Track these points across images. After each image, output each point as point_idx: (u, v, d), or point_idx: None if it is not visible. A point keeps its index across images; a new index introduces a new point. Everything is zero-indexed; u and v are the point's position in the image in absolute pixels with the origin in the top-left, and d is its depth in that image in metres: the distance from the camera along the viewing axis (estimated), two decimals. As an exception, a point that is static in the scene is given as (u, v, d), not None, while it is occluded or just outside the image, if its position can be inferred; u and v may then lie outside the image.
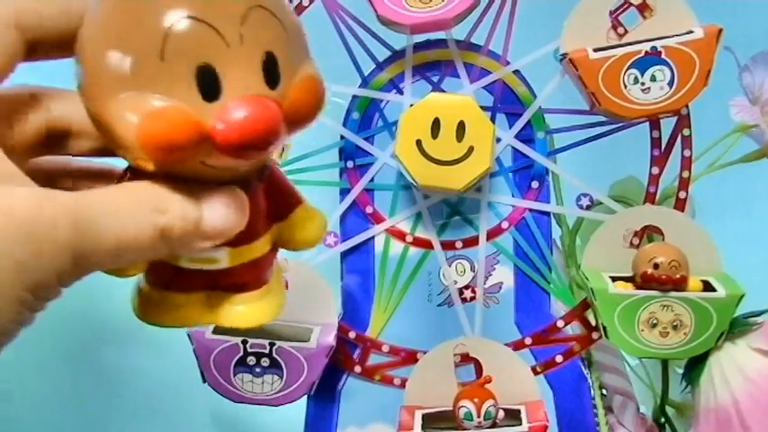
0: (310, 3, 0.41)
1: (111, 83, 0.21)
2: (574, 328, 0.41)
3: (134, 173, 0.24)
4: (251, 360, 0.39)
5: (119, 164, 0.25)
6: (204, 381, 0.39)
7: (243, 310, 0.26)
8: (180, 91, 0.21)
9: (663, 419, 0.47)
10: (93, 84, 0.22)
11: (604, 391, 0.43)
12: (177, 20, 0.21)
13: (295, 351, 0.38)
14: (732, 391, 0.38)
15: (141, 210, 0.21)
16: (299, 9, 0.41)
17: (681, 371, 0.42)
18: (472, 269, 0.41)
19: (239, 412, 0.35)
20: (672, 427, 0.47)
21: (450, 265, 0.41)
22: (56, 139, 0.24)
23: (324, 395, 0.41)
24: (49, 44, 0.23)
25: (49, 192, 0.20)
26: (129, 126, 0.21)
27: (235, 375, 0.39)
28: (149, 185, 0.22)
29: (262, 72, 0.21)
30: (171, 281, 0.25)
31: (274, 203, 0.26)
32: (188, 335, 0.38)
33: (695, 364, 0.40)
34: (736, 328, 0.39)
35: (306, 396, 0.40)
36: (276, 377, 0.39)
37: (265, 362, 0.39)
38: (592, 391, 0.41)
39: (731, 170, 0.44)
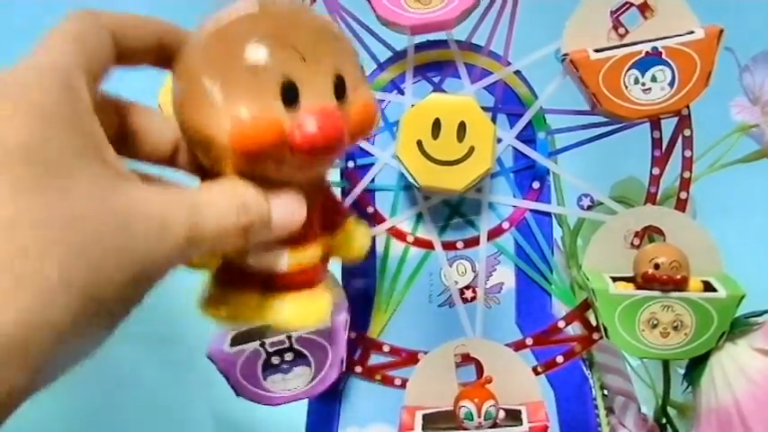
0: (312, 3, 0.41)
1: (208, 95, 0.25)
2: (575, 329, 0.41)
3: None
4: (275, 360, 0.39)
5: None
6: (238, 395, 0.39)
7: (295, 309, 0.29)
8: (267, 100, 0.25)
9: (664, 420, 0.47)
10: (191, 97, 0.26)
11: (606, 392, 0.44)
12: (267, 43, 0.25)
13: (313, 336, 0.39)
14: (733, 391, 0.39)
15: (232, 205, 0.25)
16: (300, 9, 0.41)
17: (682, 371, 0.43)
18: (473, 269, 0.41)
19: (240, 412, 0.35)
20: (673, 428, 0.47)
21: (450, 266, 0.41)
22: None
23: (325, 395, 0.41)
24: (134, 55, 0.27)
25: (169, 189, 0.24)
26: (223, 130, 0.25)
27: (265, 380, 0.39)
28: (235, 184, 0.26)
29: (332, 87, 0.26)
30: (233, 279, 0.29)
31: (327, 216, 0.30)
32: (209, 357, 0.39)
33: (696, 365, 0.40)
34: (737, 328, 0.40)
35: (340, 375, 0.40)
36: (305, 367, 0.39)
37: (289, 356, 0.39)
38: (593, 392, 0.42)
39: (732, 170, 0.45)
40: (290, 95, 0.25)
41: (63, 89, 0.22)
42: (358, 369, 0.41)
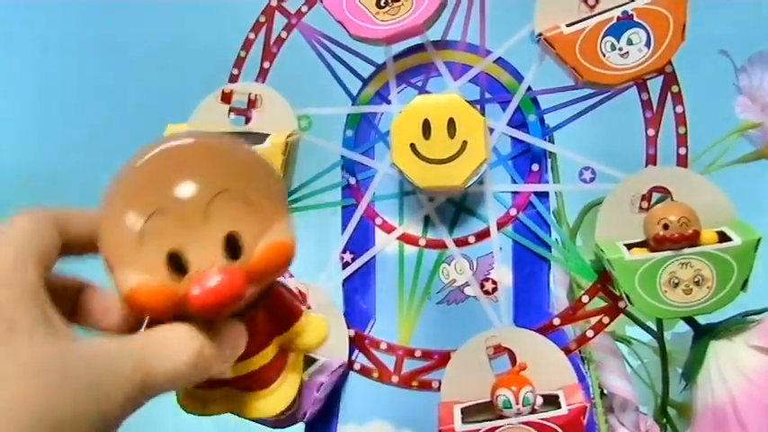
0: (288, 34, 0.44)
1: (112, 261, 0.27)
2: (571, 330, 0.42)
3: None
4: None
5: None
6: None
7: (256, 405, 0.32)
8: (155, 269, 0.27)
9: (664, 419, 0.48)
10: (105, 260, 0.28)
11: (604, 391, 0.44)
12: (149, 216, 0.27)
13: None
14: (729, 388, 0.40)
15: (183, 350, 0.27)
16: (279, 42, 0.44)
17: (681, 370, 0.44)
18: (471, 267, 0.42)
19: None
20: (673, 428, 0.48)
21: (449, 264, 0.42)
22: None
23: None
24: (77, 244, 0.29)
25: (117, 339, 0.27)
26: (122, 292, 0.27)
27: None
28: (182, 328, 0.28)
29: (223, 248, 0.27)
30: (201, 382, 0.30)
31: (275, 320, 0.31)
32: None
33: (694, 363, 0.41)
34: (735, 325, 0.41)
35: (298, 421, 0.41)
36: None
37: None
38: (591, 391, 0.42)
39: (729, 171, 0.46)
40: (177, 266, 0.27)
41: (16, 261, 0.26)
42: (395, 379, 0.43)
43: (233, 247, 0.27)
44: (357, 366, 0.43)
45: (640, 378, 0.50)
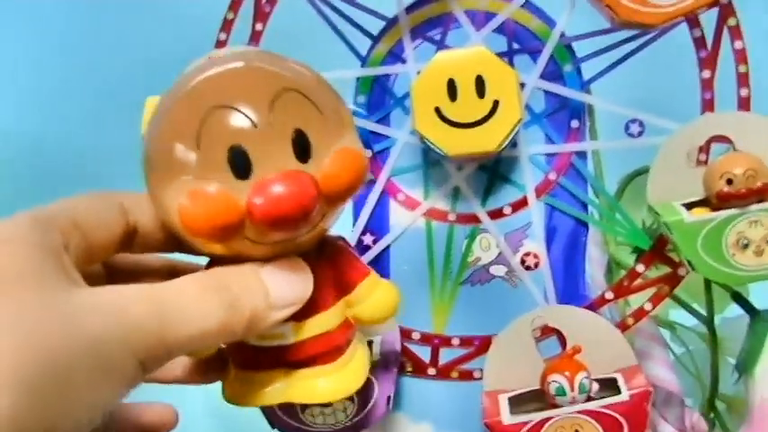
0: (282, -15, 0.41)
1: (162, 174, 0.26)
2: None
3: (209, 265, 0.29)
4: None
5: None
6: (273, 427, 0.39)
7: (319, 386, 0.29)
8: (215, 173, 0.25)
9: (712, 414, 0.46)
10: (150, 177, 0.27)
11: None
12: (208, 110, 0.25)
13: None
14: None
15: (213, 305, 0.25)
16: (272, 1, 0.42)
17: (733, 361, 0.42)
18: (498, 244, 0.41)
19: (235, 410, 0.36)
20: (722, 424, 0.46)
21: (473, 240, 0.41)
22: (128, 239, 0.29)
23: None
24: (146, 233, 0.29)
25: (133, 287, 0.24)
26: (174, 211, 0.25)
27: (302, 413, 0.39)
28: (213, 270, 0.27)
29: (292, 148, 0.26)
30: (247, 360, 0.29)
31: (339, 276, 0.30)
32: None
33: (750, 352, 0.39)
34: None
35: (386, 413, 0.39)
36: (347, 401, 0.39)
37: None
38: None
39: None
40: (239, 166, 0.25)
41: (34, 222, 0.25)
42: (431, 371, 0.41)
43: (301, 148, 0.26)
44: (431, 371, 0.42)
45: (685, 368, 0.48)
